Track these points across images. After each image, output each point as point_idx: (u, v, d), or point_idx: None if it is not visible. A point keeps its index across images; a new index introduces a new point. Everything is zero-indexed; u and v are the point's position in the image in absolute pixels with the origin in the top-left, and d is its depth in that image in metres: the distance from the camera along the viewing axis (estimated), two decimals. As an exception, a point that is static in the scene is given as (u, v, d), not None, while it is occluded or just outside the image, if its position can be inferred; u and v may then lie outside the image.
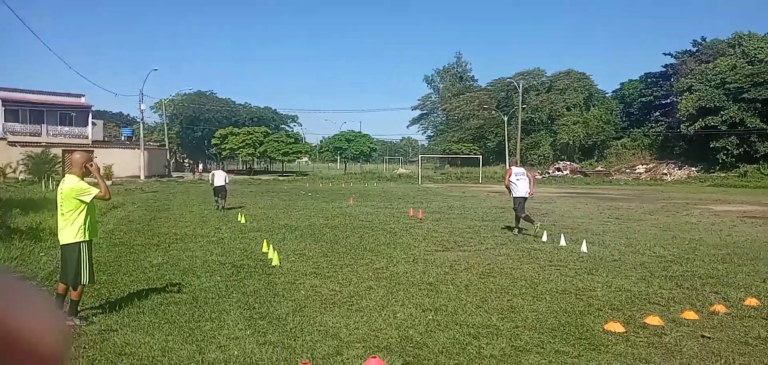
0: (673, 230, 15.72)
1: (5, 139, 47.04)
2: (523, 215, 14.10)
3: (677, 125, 58.70)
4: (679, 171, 57.71)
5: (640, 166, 62.33)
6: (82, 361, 5.09)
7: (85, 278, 6.40)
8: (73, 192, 6.30)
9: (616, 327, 6.23)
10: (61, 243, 6.50)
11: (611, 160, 67.49)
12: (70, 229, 6.34)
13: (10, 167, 39.22)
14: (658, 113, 68.85)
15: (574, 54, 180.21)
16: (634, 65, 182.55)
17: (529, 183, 14.23)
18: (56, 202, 6.48)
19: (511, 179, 14.40)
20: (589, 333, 6.08)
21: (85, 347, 5.48)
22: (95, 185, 6.51)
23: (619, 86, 76.15)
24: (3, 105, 49.55)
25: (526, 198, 14.11)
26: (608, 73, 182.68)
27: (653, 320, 6.50)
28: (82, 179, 6.47)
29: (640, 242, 13.02)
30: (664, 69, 67.17)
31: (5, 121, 49.80)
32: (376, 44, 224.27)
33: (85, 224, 6.39)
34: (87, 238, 6.44)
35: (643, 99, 68.97)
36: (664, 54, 70.66)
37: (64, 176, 7.01)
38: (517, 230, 14.38)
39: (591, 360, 5.34)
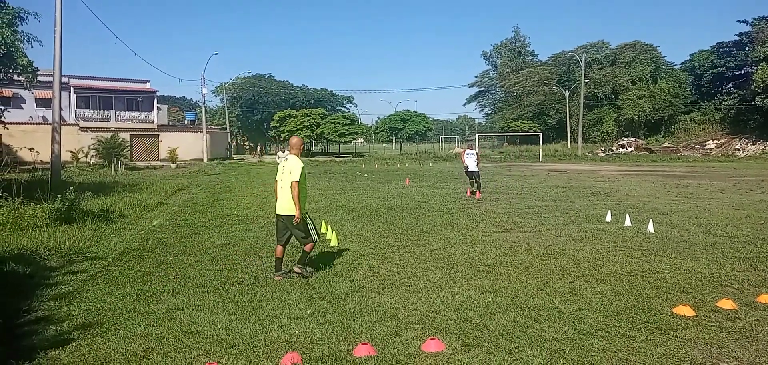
0: (747, 208, 14.92)
1: (77, 125, 49.44)
2: (472, 178, 19.76)
3: (752, 97, 55.54)
4: (753, 147, 54.61)
5: (711, 141, 59.43)
6: (150, 339, 5.30)
7: (314, 236, 7.67)
8: (300, 168, 7.44)
9: (685, 310, 5.97)
10: (284, 214, 7.54)
11: (679, 136, 64.64)
12: (296, 204, 7.35)
13: (83, 151, 41.20)
14: (730, 85, 65.24)
15: (640, 24, 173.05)
16: (705, 35, 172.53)
17: (476, 160, 20.08)
18: (277, 178, 7.71)
19: (464, 157, 20.31)
20: (657, 317, 5.86)
21: (153, 325, 5.70)
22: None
23: (688, 58, 72.49)
24: (75, 93, 52.06)
25: (475, 171, 19.80)
26: (677, 43, 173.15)
27: (726, 303, 6.20)
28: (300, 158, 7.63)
29: (710, 222, 12.43)
30: (738, 37, 63.33)
31: (77, 107, 52.33)
32: (431, 21, 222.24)
33: (303, 197, 7.53)
34: (305, 207, 7.60)
35: (714, 71, 65.43)
36: (739, 21, 66.86)
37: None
38: (472, 190, 19.55)
39: (659, 344, 5.14)
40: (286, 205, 7.50)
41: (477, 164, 20.03)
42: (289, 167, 7.49)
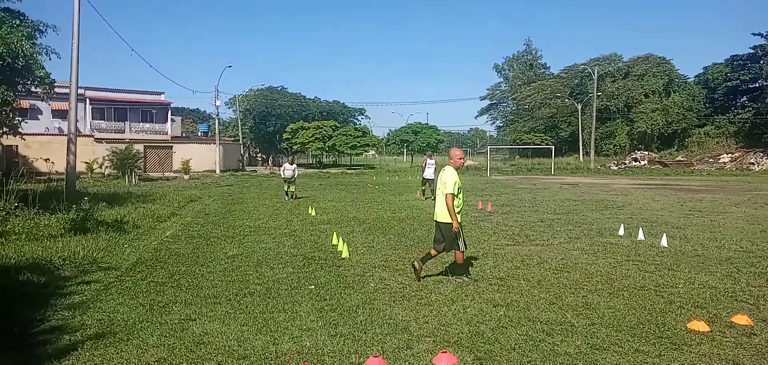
0: (762, 223, 14.76)
1: (92, 136, 49.98)
2: (424, 189, 23.54)
3: (766, 110, 54.95)
4: (768, 161, 54.02)
5: (725, 155, 58.78)
6: (162, 349, 5.33)
7: (462, 246, 7.88)
8: (453, 180, 7.77)
9: (700, 325, 5.91)
10: (440, 221, 7.94)
11: (693, 149, 64.03)
12: (449, 216, 7.73)
13: (97, 162, 41.62)
14: (745, 99, 64.57)
15: (653, 37, 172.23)
16: (719, 47, 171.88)
17: (434, 169, 22.97)
18: (435, 187, 8.16)
19: (425, 166, 23.80)
20: (671, 332, 5.80)
21: (165, 336, 5.73)
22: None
23: (702, 70, 71.72)
24: (91, 104, 52.67)
25: (432, 179, 22.41)
26: (690, 56, 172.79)
27: (741, 319, 6.12)
28: (457, 171, 7.92)
29: (725, 236, 12.30)
30: (753, 50, 62.70)
31: (92, 119, 52.93)
32: (443, 34, 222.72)
33: (457, 208, 7.83)
34: (460, 220, 7.90)
35: (728, 84, 64.81)
36: (753, 34, 66.29)
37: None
38: (423, 196, 23.20)
39: (673, 360, 5.09)
40: (440, 212, 7.91)
41: (433, 173, 23.11)
42: (445, 178, 7.86)
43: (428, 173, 23.61)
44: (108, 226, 12.85)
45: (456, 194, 7.81)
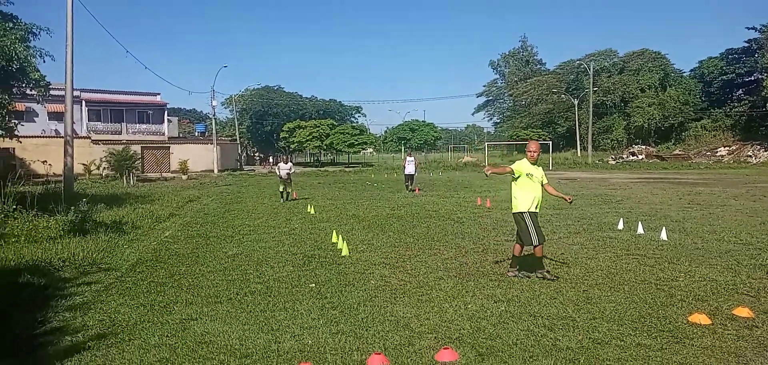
0: (761, 215, 14.79)
1: (89, 138, 49.86)
2: (408, 184, 26.00)
3: (762, 103, 55.05)
4: (765, 153, 54.07)
5: (722, 148, 58.90)
6: (164, 349, 5.32)
7: (534, 239, 7.75)
8: (520, 171, 7.93)
9: (701, 318, 5.92)
10: (512, 212, 8.13)
11: (690, 143, 64.11)
12: (515, 202, 7.94)
13: (95, 164, 41.53)
14: (740, 92, 64.76)
15: (648, 33, 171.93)
16: (714, 42, 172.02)
17: (414, 165, 26.31)
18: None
19: (406, 162, 26.60)
20: (672, 325, 5.81)
21: (167, 336, 5.72)
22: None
23: (697, 65, 71.93)
24: (87, 106, 52.53)
25: (412, 175, 26.03)
26: (685, 51, 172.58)
27: (742, 311, 6.13)
28: (533, 164, 7.97)
29: (724, 229, 12.33)
30: (747, 44, 62.82)
31: (89, 120, 52.79)
32: (439, 31, 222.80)
33: (526, 198, 7.87)
34: (529, 209, 7.84)
35: (724, 77, 64.94)
36: (748, 28, 66.53)
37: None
38: (408, 190, 25.40)
39: (675, 353, 5.09)
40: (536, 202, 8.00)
41: (415, 169, 26.37)
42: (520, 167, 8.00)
43: (409, 169, 26.27)
44: (107, 227, 12.82)
45: (515, 178, 7.96)
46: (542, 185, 8.09)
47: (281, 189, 21.56)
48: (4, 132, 24.06)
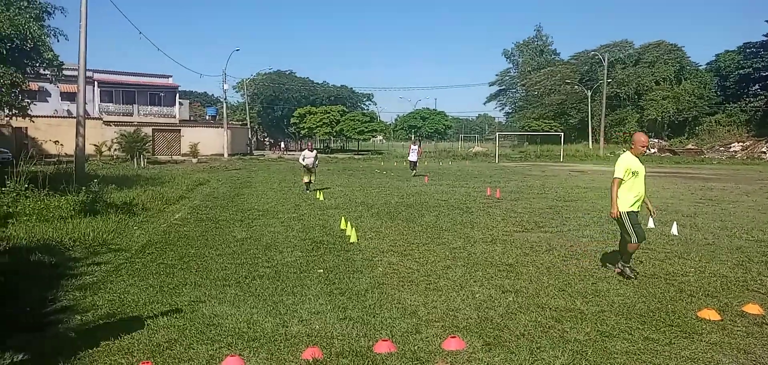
0: (774, 212, 14.63)
1: (101, 119, 50.15)
2: (414, 171, 27.96)
3: (779, 99, 54.39)
4: (779, 150, 53.51)
5: (736, 144, 58.29)
6: (173, 330, 5.35)
7: (633, 237, 7.40)
8: (623, 165, 7.51)
9: (710, 314, 5.87)
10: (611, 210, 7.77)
11: (703, 137, 63.50)
12: (620, 200, 7.56)
13: (106, 145, 41.79)
14: (757, 87, 63.82)
15: (665, 24, 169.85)
16: (732, 35, 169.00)
17: (418, 153, 28.39)
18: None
19: (410, 150, 28.49)
20: (681, 320, 5.77)
21: (176, 317, 5.76)
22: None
23: (714, 58, 70.97)
24: (99, 87, 52.83)
25: (416, 161, 28.16)
26: (702, 44, 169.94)
27: (752, 308, 6.08)
28: (637, 157, 7.55)
29: (736, 225, 12.21)
30: (766, 38, 62.03)
31: (101, 101, 53.12)
32: (452, 19, 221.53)
33: (626, 197, 7.53)
34: (629, 209, 7.50)
35: (740, 71, 64.04)
36: (767, 21, 65.44)
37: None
38: (413, 175, 27.01)
39: (683, 348, 5.06)
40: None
41: (417, 157, 28.43)
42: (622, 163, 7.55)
43: (412, 157, 28.15)
44: (117, 208, 12.91)
45: (624, 179, 7.50)
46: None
47: (306, 180, 19.24)
48: (18, 111, 24.29)
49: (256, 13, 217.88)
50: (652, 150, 58.94)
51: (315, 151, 19.93)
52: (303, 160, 19.37)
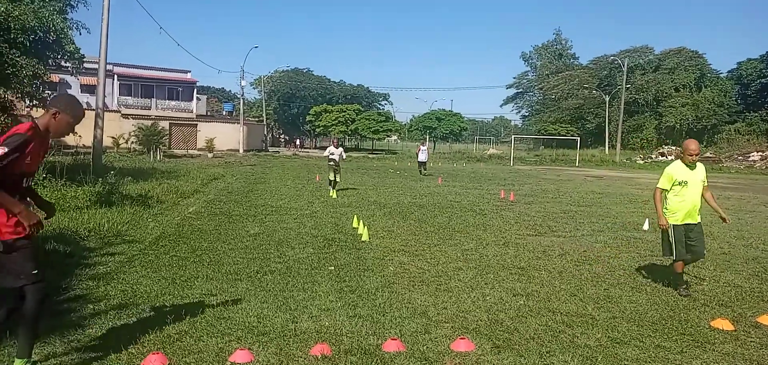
0: (793, 223, 14.40)
1: (119, 112, 50.68)
2: (423, 171, 29.33)
3: (801, 109, 53.56)
4: (800, 160, 52.61)
5: (755, 153, 57.35)
6: (183, 323, 5.40)
7: (672, 252, 7.10)
8: (668, 174, 7.24)
9: (724, 324, 5.79)
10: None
11: (722, 146, 62.58)
12: (667, 212, 7.23)
13: (123, 137, 42.23)
14: (778, 96, 63.04)
15: (686, 31, 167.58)
16: (755, 43, 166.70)
17: (427, 154, 30.15)
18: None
19: (419, 150, 30.06)
20: (694, 329, 5.70)
21: (187, 310, 5.80)
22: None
23: (735, 66, 70.13)
24: (118, 80, 53.39)
25: (424, 161, 29.69)
26: (724, 51, 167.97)
27: (767, 320, 5.99)
28: (690, 167, 7.18)
29: (752, 235, 12.05)
30: (789, 47, 61.15)
31: (120, 94, 53.67)
32: (470, 20, 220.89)
33: (672, 209, 7.25)
34: (676, 222, 7.14)
35: (762, 80, 63.18)
36: (789, 31, 64.44)
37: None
38: (421, 175, 28.18)
39: (695, 357, 5.00)
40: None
41: (427, 157, 30.21)
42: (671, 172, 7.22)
43: (421, 157, 29.68)
44: (132, 200, 13.05)
45: (668, 189, 7.20)
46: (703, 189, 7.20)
47: (331, 177, 18.28)
48: (38, 102, 24.61)
49: (275, 11, 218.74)
50: (670, 157, 58.25)
51: (341, 147, 19.57)
52: (329, 155, 18.88)
